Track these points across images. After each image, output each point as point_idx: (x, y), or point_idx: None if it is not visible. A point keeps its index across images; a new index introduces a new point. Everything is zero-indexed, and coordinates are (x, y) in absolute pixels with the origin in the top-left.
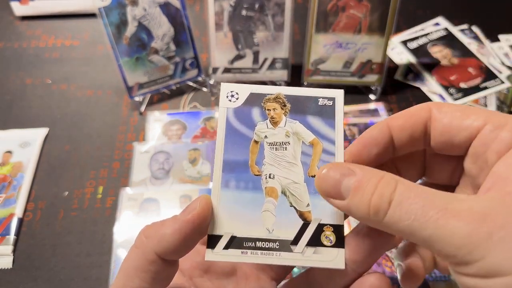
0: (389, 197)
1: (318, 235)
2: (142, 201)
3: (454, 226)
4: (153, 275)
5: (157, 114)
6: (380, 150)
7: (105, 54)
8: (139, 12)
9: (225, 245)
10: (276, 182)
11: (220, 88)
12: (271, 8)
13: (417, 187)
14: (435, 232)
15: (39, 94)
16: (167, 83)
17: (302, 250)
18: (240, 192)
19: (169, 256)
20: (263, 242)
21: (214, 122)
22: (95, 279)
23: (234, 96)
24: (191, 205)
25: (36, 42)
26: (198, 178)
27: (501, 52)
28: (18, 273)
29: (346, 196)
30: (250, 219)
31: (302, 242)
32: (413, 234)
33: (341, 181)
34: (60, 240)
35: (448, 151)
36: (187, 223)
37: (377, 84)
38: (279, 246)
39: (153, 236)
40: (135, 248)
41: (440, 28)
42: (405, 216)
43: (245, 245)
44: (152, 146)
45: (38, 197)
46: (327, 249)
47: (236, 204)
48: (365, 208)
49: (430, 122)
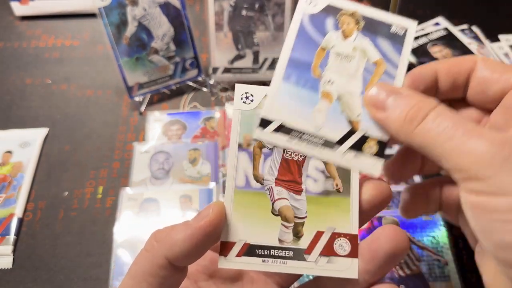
0: (427, 111)
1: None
2: (142, 201)
3: (477, 143)
4: (161, 280)
5: (157, 114)
6: (426, 87)
7: (105, 54)
8: (139, 12)
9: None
10: (334, 89)
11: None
12: (271, 8)
13: (454, 112)
14: (458, 145)
15: (39, 94)
16: (167, 83)
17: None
18: (299, 88)
19: (179, 262)
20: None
21: (214, 122)
22: (95, 279)
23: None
24: (204, 211)
25: (36, 42)
26: (198, 178)
27: (501, 52)
28: (18, 273)
29: (389, 107)
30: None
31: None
32: (438, 146)
33: (389, 95)
34: (60, 240)
35: (480, 103)
36: (199, 229)
37: None
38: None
39: (164, 240)
40: (145, 252)
41: (440, 28)
42: (437, 128)
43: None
44: (152, 146)
45: (38, 197)
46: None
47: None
48: (403, 115)
49: (472, 72)
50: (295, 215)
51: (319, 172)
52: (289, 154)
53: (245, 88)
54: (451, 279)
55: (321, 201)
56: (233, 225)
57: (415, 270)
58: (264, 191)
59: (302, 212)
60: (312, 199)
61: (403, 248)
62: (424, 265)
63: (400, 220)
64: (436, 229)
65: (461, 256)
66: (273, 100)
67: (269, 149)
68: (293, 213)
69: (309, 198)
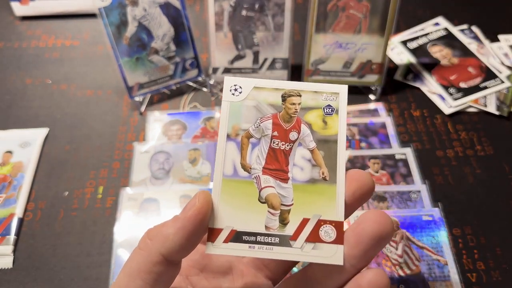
0: None
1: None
2: (142, 201)
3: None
4: (156, 277)
5: (157, 114)
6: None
7: (105, 54)
8: (139, 12)
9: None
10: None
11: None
12: (271, 8)
13: None
14: None
15: (39, 94)
16: (167, 83)
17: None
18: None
19: (174, 256)
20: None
21: (214, 122)
22: (95, 279)
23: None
24: (190, 202)
25: (36, 42)
26: (198, 178)
27: (501, 52)
28: (18, 273)
29: None
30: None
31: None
32: None
33: None
34: (60, 240)
35: None
36: (189, 220)
37: (377, 84)
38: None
39: (157, 237)
40: (138, 250)
41: (440, 28)
42: None
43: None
44: (152, 146)
45: (38, 197)
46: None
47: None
48: None
49: None
50: (282, 203)
51: (305, 160)
52: (276, 144)
53: (233, 80)
54: (451, 279)
55: (308, 189)
56: (220, 212)
57: (415, 270)
58: (251, 180)
59: (289, 200)
60: (298, 187)
61: (388, 231)
62: (424, 265)
63: (400, 220)
64: (436, 229)
65: (461, 256)
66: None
67: (257, 139)
68: (280, 201)
69: (295, 186)
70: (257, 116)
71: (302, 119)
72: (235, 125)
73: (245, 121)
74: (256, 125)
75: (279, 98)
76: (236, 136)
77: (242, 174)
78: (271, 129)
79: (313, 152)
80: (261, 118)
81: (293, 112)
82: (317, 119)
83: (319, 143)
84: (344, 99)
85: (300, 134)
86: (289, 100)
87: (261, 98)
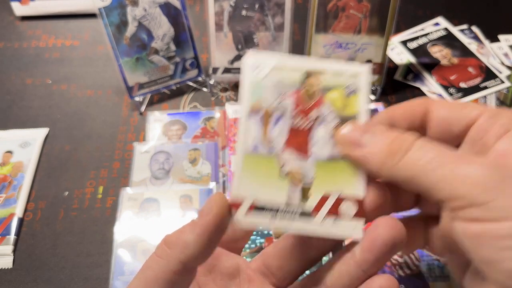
0: (411, 143)
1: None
2: (142, 201)
3: (469, 168)
4: (173, 285)
5: (157, 114)
6: None
7: (105, 54)
8: (139, 12)
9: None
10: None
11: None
12: (271, 8)
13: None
14: (451, 172)
15: (39, 94)
16: (167, 83)
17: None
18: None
19: (194, 263)
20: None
21: (214, 122)
22: (95, 279)
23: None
24: (206, 206)
25: (36, 42)
26: (198, 178)
27: (501, 52)
28: (18, 273)
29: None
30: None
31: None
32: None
33: (365, 132)
34: (60, 240)
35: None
36: (208, 226)
37: (377, 84)
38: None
39: (176, 245)
40: (156, 257)
41: (440, 28)
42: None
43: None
44: (152, 146)
45: (38, 197)
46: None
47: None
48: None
49: (427, 115)
50: (303, 178)
51: (326, 138)
52: (297, 121)
53: (255, 57)
54: (451, 279)
55: (329, 165)
56: (242, 186)
57: (415, 270)
58: (272, 156)
59: (309, 176)
60: (319, 163)
61: (401, 237)
62: (424, 265)
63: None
64: None
65: None
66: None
67: (278, 116)
68: (301, 176)
69: (316, 163)
70: (278, 93)
71: (323, 97)
72: (256, 102)
73: (266, 98)
74: (278, 102)
75: (301, 76)
76: (257, 112)
77: (263, 150)
78: (292, 107)
79: (334, 130)
80: (282, 95)
81: (314, 90)
82: (338, 98)
83: (339, 122)
84: (366, 79)
85: (321, 112)
86: (310, 79)
87: (282, 75)
